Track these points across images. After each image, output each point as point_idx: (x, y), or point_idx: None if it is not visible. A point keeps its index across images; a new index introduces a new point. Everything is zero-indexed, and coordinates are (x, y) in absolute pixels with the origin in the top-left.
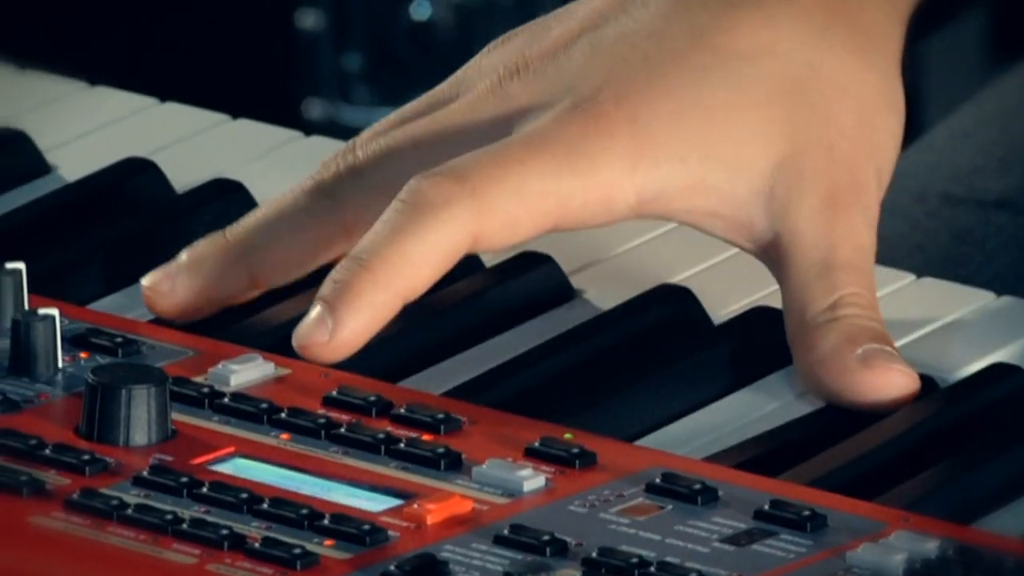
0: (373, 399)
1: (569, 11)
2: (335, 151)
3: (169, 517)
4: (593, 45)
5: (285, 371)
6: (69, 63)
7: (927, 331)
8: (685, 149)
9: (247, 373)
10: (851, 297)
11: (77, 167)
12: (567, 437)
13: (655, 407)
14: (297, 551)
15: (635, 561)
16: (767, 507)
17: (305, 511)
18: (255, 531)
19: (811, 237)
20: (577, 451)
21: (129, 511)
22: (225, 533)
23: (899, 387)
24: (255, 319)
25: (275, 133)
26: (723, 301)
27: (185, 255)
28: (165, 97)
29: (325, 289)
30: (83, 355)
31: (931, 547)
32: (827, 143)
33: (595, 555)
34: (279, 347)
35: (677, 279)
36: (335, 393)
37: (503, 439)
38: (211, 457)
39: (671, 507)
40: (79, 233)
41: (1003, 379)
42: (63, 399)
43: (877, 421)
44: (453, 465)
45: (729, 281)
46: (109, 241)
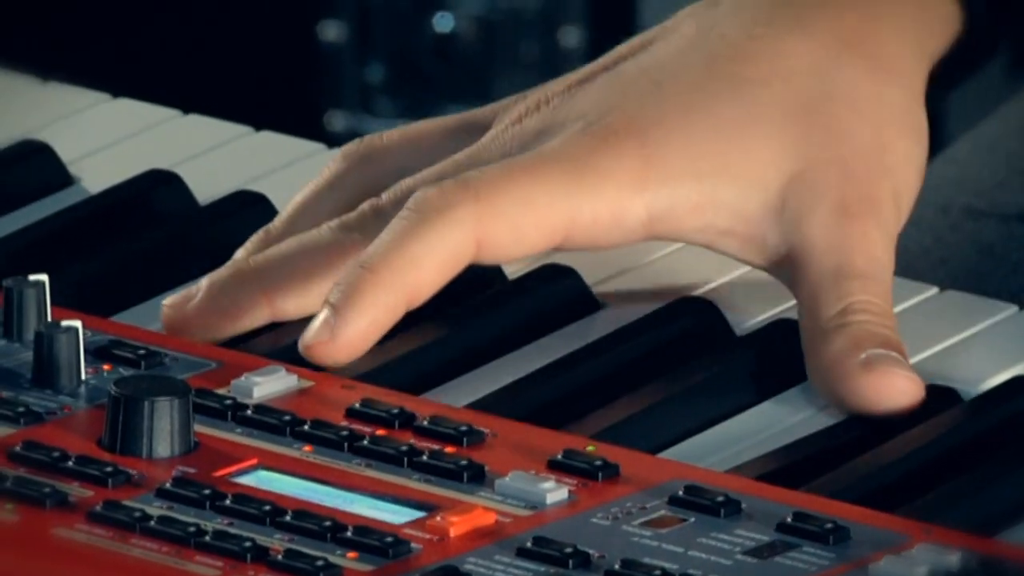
0: (396, 411)
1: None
2: None
3: (192, 529)
4: (610, 79)
5: (308, 383)
6: (92, 75)
7: (950, 344)
8: (696, 167)
9: (270, 385)
10: (862, 304)
11: (100, 179)
12: (590, 449)
13: (678, 419)
14: (320, 563)
15: (658, 573)
16: (790, 519)
17: (328, 523)
18: (278, 543)
19: (823, 246)
20: (600, 463)
21: (152, 523)
22: (248, 545)
23: (902, 392)
24: (278, 331)
25: (298, 145)
26: (745, 313)
27: (206, 280)
28: (188, 109)
29: (331, 294)
30: (106, 367)
31: (953, 560)
32: (840, 160)
33: (618, 567)
34: (302, 359)
35: (700, 291)
36: (358, 405)
37: (526, 451)
38: (234, 469)
39: (694, 519)
40: (102, 245)
41: None
42: (86, 411)
43: (899, 433)
44: (476, 477)
45: (751, 293)
46: (132, 253)
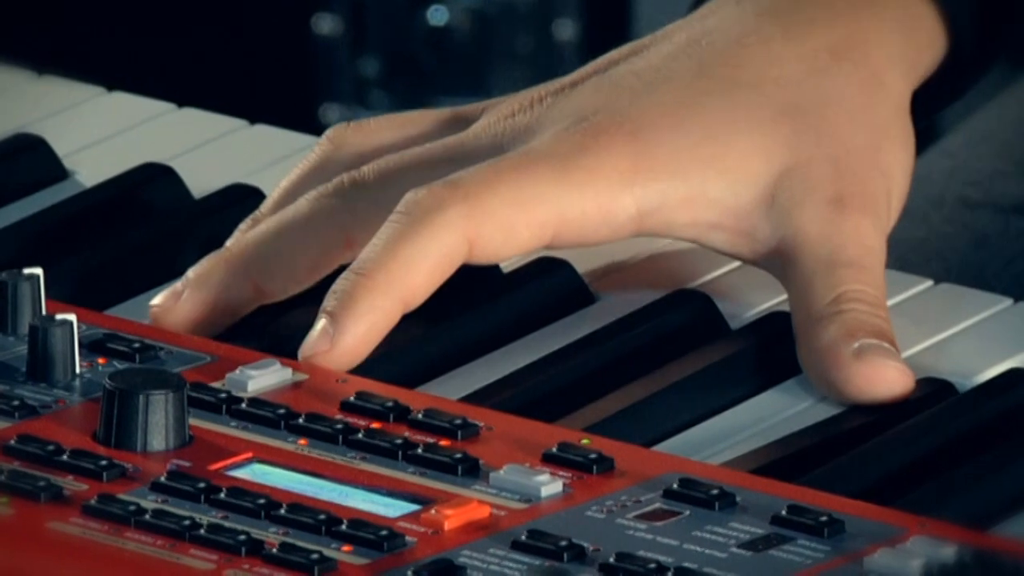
0: (391, 404)
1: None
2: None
3: (187, 523)
4: (601, 80)
5: (303, 376)
6: (87, 69)
7: (945, 336)
8: (684, 162)
9: (265, 378)
10: (855, 293)
11: (95, 173)
12: (584, 442)
13: (672, 412)
14: (315, 556)
15: (652, 567)
16: (784, 512)
17: (323, 517)
18: (273, 537)
19: (816, 236)
20: (595, 456)
21: (147, 517)
22: (243, 539)
23: (892, 383)
24: (273, 324)
25: (292, 139)
26: (741, 306)
27: (191, 272)
28: (183, 103)
29: (327, 302)
30: (101, 361)
31: (948, 553)
32: (833, 158)
33: (612, 560)
34: (297, 352)
35: (694, 284)
36: (353, 398)
37: (521, 444)
38: (229, 463)
39: (688, 512)
40: (97, 239)
41: (1021, 385)
42: (81, 405)
43: (895, 426)
44: (471, 470)
45: (746, 286)
46: (127, 247)
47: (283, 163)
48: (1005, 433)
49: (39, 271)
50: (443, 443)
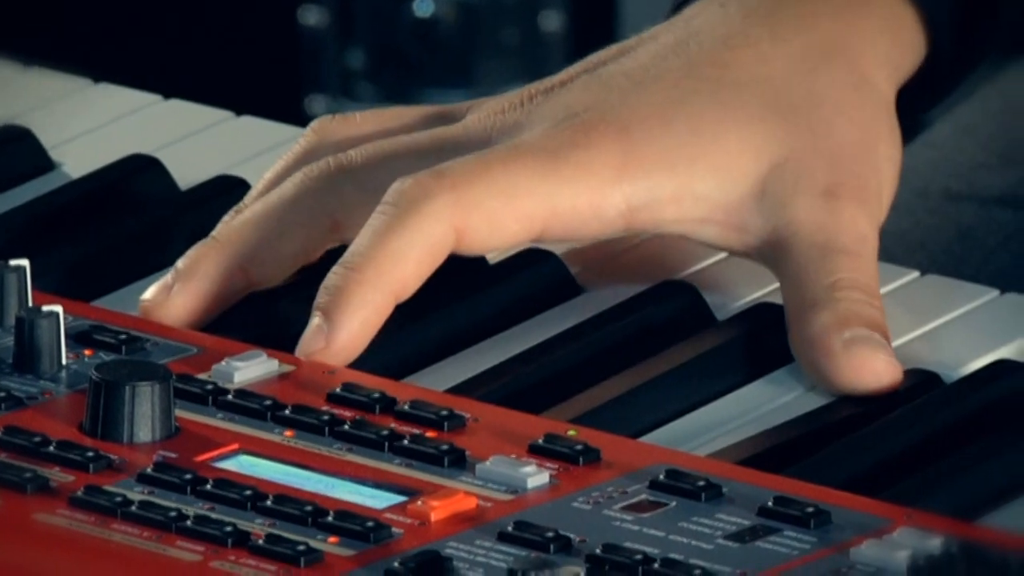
0: (377, 396)
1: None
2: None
3: (173, 514)
4: (590, 79)
5: (289, 368)
6: (73, 60)
7: (931, 327)
8: (673, 159)
9: (251, 370)
10: (850, 281)
11: (81, 164)
12: (571, 434)
13: (659, 403)
14: (301, 548)
15: (639, 558)
16: (771, 504)
17: (309, 508)
18: (259, 528)
19: (810, 225)
20: (581, 448)
21: (133, 508)
22: (229, 530)
23: (879, 375)
24: (259, 316)
25: (279, 130)
26: (727, 297)
27: (180, 264)
28: (169, 94)
29: (319, 299)
30: (87, 352)
31: (935, 544)
32: (827, 151)
33: (599, 552)
34: (283, 344)
35: (681, 275)
36: (339, 390)
37: (507, 436)
38: (215, 454)
39: (675, 504)
40: (83, 230)
41: (1007, 376)
42: (67, 396)
43: (881, 417)
44: (457, 462)
45: (733, 277)
46: (113, 238)
47: (269, 154)
48: (991, 424)
49: (25, 262)
50: (429, 434)
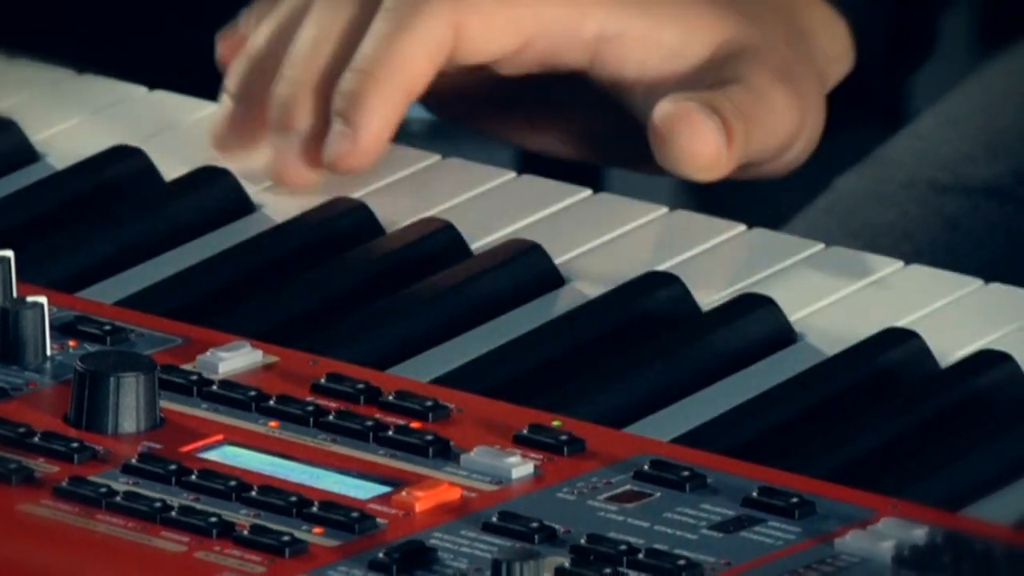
0: (361, 386)
1: None
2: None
3: (158, 505)
4: None
5: (273, 359)
6: (58, 51)
7: (916, 318)
8: (652, 5)
9: (235, 361)
10: (730, 95)
11: (66, 155)
12: (555, 424)
13: (643, 394)
14: (286, 539)
15: (623, 548)
16: (755, 494)
17: (294, 499)
18: (244, 519)
19: (735, 70)
20: (565, 438)
21: (118, 499)
22: (214, 521)
23: (703, 139)
24: (244, 307)
25: None
26: (711, 288)
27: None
28: (154, 85)
29: (337, 103)
30: (72, 343)
31: (919, 534)
32: (779, 45)
33: (584, 542)
34: (268, 334)
35: (665, 266)
36: (323, 380)
37: (491, 426)
38: (200, 445)
39: (659, 494)
40: (67, 221)
41: (992, 366)
42: (52, 387)
43: (867, 408)
44: (442, 452)
45: (717, 268)
46: (97, 229)
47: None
48: (976, 414)
49: (10, 253)
50: (414, 425)
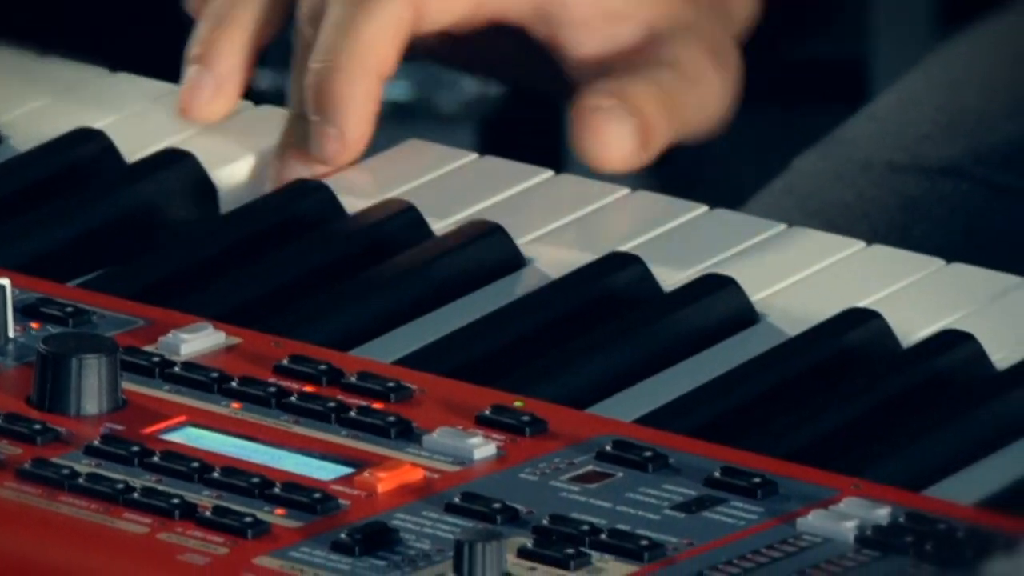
0: (324, 368)
1: None
2: (284, 118)
3: (120, 486)
4: None
5: (236, 340)
6: (18, 35)
7: (878, 298)
8: None
9: (198, 342)
10: (659, 79)
11: (27, 138)
12: (518, 405)
13: (606, 375)
14: (248, 520)
15: (586, 528)
16: (718, 474)
17: (256, 480)
18: (206, 500)
19: (671, 51)
20: (528, 419)
21: (80, 480)
22: (176, 502)
23: (607, 144)
24: (206, 289)
25: None
26: (673, 268)
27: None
28: (115, 68)
29: (310, 99)
30: (34, 325)
31: (882, 514)
32: (709, 15)
33: (546, 523)
34: (230, 316)
35: (627, 247)
36: (286, 362)
37: (454, 407)
38: (162, 426)
39: (622, 474)
40: (29, 204)
41: (954, 346)
42: (14, 369)
43: (829, 389)
44: (404, 433)
45: (679, 249)
46: (59, 212)
47: (216, 127)
48: (939, 394)
49: None
50: (376, 406)
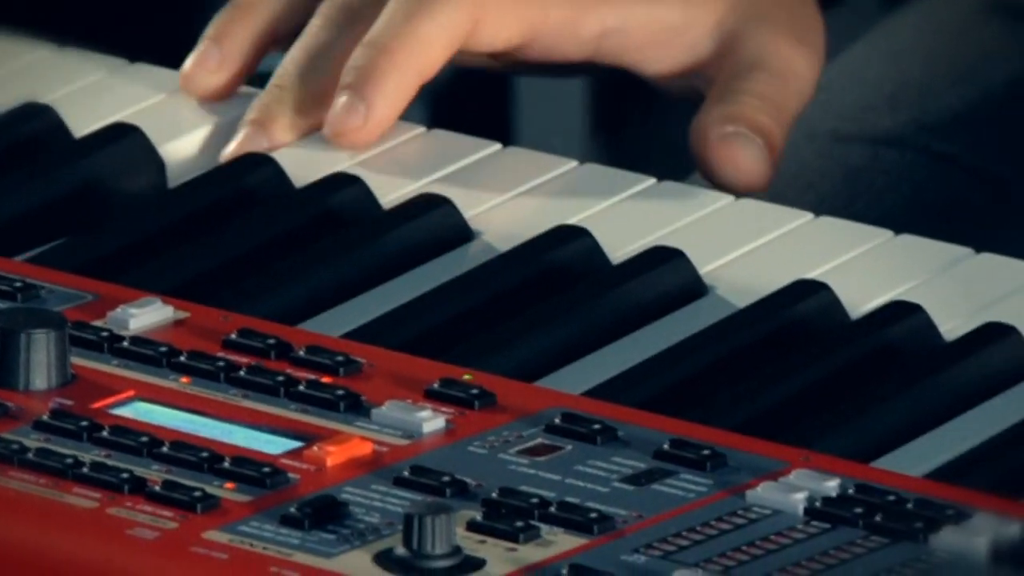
0: (272, 342)
1: None
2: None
3: (69, 461)
4: None
5: (184, 315)
6: None
7: (826, 269)
8: None
9: (146, 317)
10: (759, 91)
11: None
12: (466, 378)
13: (554, 347)
14: (198, 494)
15: (535, 501)
16: (667, 447)
17: (205, 454)
18: (156, 475)
19: (752, 48)
20: (476, 392)
21: (30, 455)
22: (126, 477)
23: (739, 170)
24: (154, 263)
25: (172, 77)
26: (621, 241)
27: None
28: (63, 43)
29: (348, 76)
30: None
31: (831, 486)
32: (784, 4)
33: (495, 496)
34: (178, 291)
35: (575, 219)
36: (235, 336)
37: (402, 381)
38: (111, 401)
39: (571, 447)
40: None
41: (903, 317)
42: None
43: (778, 360)
44: (353, 407)
45: (627, 221)
46: (6, 186)
47: (164, 101)
48: (887, 366)
49: None
50: (325, 380)
